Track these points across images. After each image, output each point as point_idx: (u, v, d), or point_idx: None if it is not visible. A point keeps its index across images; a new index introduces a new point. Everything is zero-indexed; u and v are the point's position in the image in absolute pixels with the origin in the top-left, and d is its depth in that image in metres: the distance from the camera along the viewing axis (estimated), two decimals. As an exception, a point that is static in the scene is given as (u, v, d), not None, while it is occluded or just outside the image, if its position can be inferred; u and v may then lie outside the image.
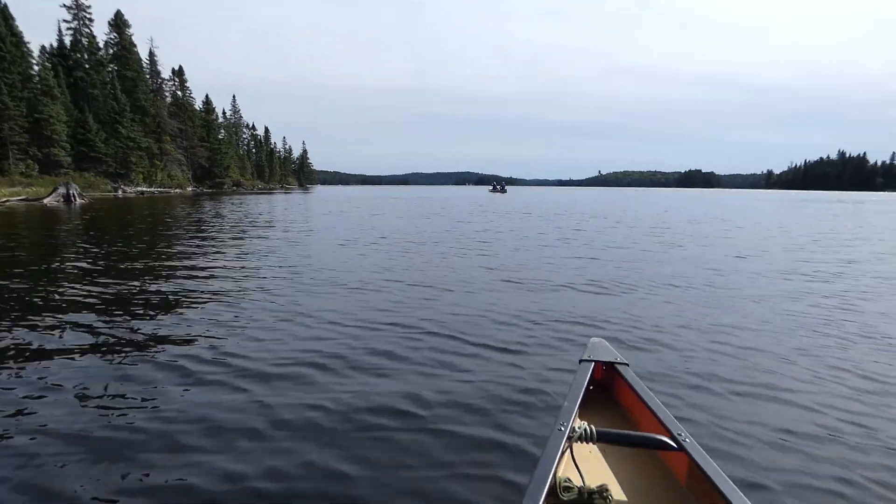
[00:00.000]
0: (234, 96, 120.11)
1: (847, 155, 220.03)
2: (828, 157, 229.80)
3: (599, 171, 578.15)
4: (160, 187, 55.41)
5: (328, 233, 14.00)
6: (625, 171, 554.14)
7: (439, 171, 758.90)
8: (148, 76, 61.33)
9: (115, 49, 56.24)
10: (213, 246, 10.64)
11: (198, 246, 10.57)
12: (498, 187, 75.99)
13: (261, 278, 7.05)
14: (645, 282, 7.05)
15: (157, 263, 8.32)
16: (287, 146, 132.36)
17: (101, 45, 54.23)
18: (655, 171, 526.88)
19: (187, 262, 8.43)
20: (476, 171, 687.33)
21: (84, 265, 7.98)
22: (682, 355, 3.97)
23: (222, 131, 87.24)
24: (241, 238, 12.38)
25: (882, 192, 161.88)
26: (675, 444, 1.55)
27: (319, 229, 15.17)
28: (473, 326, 4.70)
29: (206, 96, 74.01)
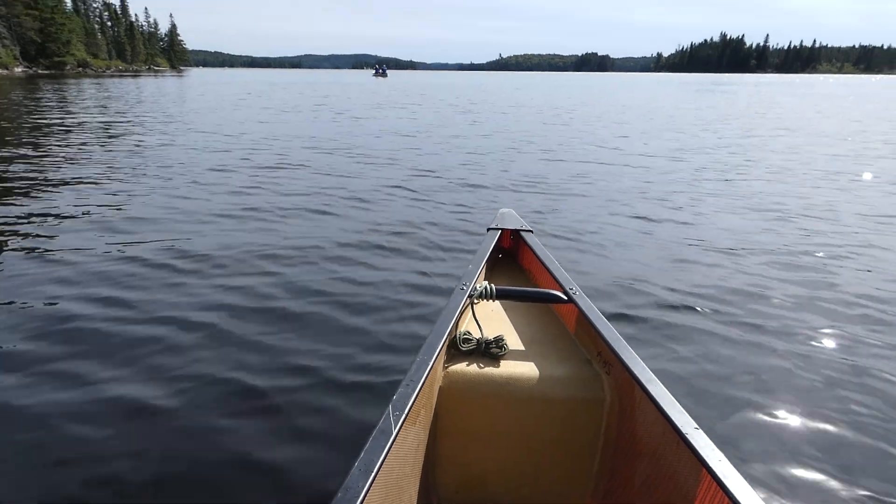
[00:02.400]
0: None
1: (728, 37, 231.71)
2: (711, 39, 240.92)
3: (500, 55, 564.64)
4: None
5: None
6: (525, 55, 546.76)
7: (335, 52, 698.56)
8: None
9: None
10: None
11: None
12: (380, 70, 78.83)
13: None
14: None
15: None
16: (151, 19, 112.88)
17: None
18: (554, 55, 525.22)
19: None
20: (374, 54, 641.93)
21: None
22: (583, 221, 4.34)
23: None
24: None
25: (755, 74, 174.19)
26: (565, 297, 1.67)
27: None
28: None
29: (24, -53, 58.76)
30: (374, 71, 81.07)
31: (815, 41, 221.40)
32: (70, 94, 21.97)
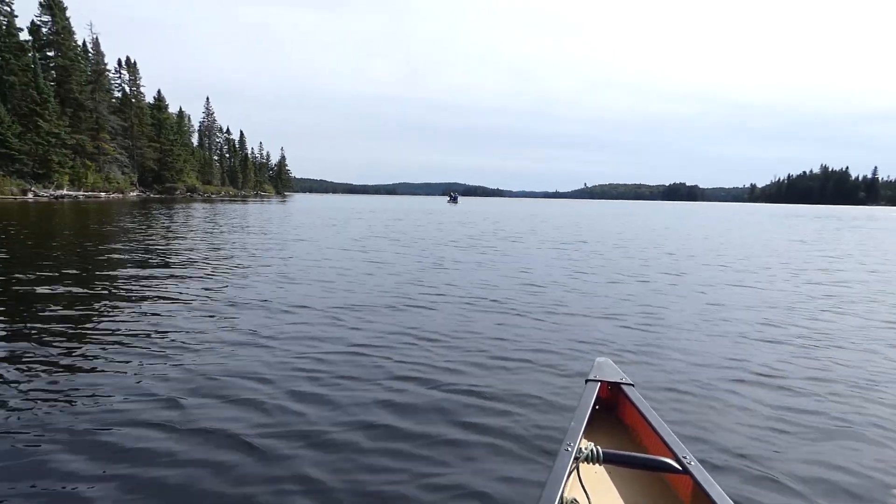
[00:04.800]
0: (207, 97, 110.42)
1: (830, 169, 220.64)
2: (811, 171, 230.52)
3: (585, 184, 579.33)
4: (91, 191, 49.39)
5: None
6: (611, 184, 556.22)
7: (427, 181, 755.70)
8: (88, 66, 55.14)
9: (47, 33, 50.34)
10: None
11: None
12: (453, 197, 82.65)
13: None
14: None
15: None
16: (264, 151, 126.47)
17: (26, 26, 48.19)
18: (640, 185, 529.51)
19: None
20: (463, 182, 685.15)
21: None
22: (687, 375, 3.82)
23: (193, 135, 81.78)
24: None
25: (865, 206, 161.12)
26: (679, 467, 1.56)
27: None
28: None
29: (159, 91, 68.24)
30: (448, 198, 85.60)
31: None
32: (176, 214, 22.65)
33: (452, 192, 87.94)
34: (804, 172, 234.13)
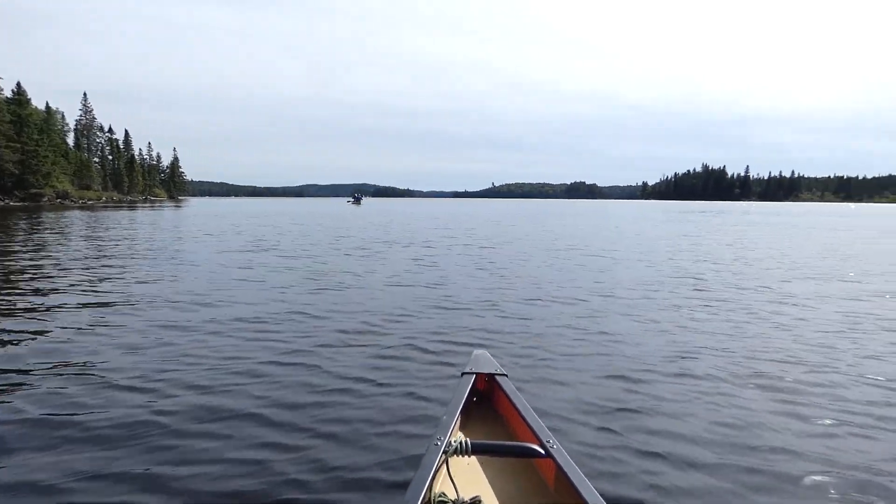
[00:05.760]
0: (84, 93, 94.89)
1: (710, 168, 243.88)
2: (694, 169, 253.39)
3: (493, 183, 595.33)
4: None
5: None
6: (517, 183, 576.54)
7: (337, 182, 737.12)
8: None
9: None
10: None
11: None
12: (357, 196, 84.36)
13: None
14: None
15: None
16: (154, 153, 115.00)
17: None
18: (544, 184, 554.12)
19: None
20: (373, 183, 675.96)
21: None
22: (561, 365, 4.05)
23: (69, 134, 72.17)
24: None
25: (740, 202, 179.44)
26: (543, 452, 1.62)
27: None
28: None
29: (18, 84, 59.32)
30: (351, 199, 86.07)
31: (793, 171, 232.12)
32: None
33: (356, 193, 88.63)
34: (689, 171, 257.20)
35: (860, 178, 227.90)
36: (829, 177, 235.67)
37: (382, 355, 4.19)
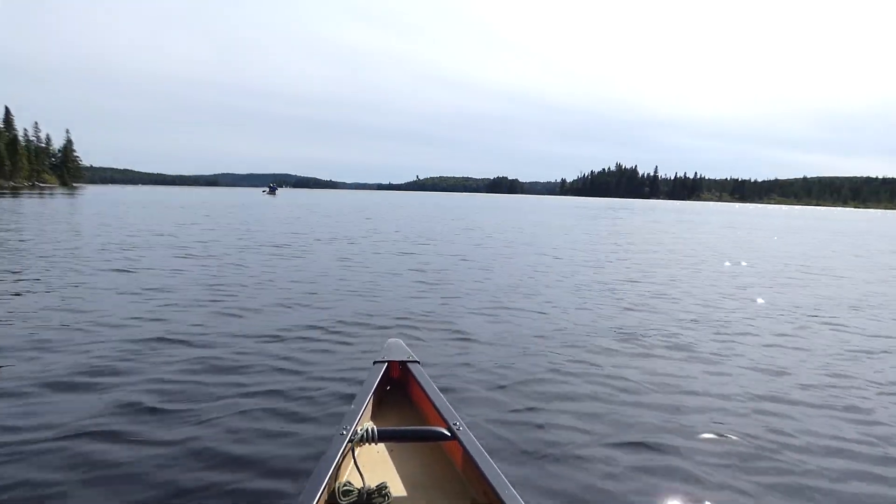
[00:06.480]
0: None
1: (623, 167, 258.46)
2: (608, 168, 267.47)
3: (417, 176, 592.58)
4: None
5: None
6: (441, 177, 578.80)
7: (254, 171, 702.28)
8: None
9: None
10: None
11: None
12: (272, 186, 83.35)
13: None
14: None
15: None
16: (42, 134, 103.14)
17: None
18: (468, 177, 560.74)
19: None
20: (294, 174, 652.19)
21: None
22: (474, 349, 4.14)
23: None
24: None
25: (649, 199, 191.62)
26: (449, 434, 1.61)
27: None
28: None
29: None
30: (266, 189, 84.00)
31: (696, 173, 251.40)
32: None
33: (272, 183, 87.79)
34: (603, 170, 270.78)
35: (752, 181, 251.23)
36: (727, 179, 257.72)
37: (291, 346, 4.04)
